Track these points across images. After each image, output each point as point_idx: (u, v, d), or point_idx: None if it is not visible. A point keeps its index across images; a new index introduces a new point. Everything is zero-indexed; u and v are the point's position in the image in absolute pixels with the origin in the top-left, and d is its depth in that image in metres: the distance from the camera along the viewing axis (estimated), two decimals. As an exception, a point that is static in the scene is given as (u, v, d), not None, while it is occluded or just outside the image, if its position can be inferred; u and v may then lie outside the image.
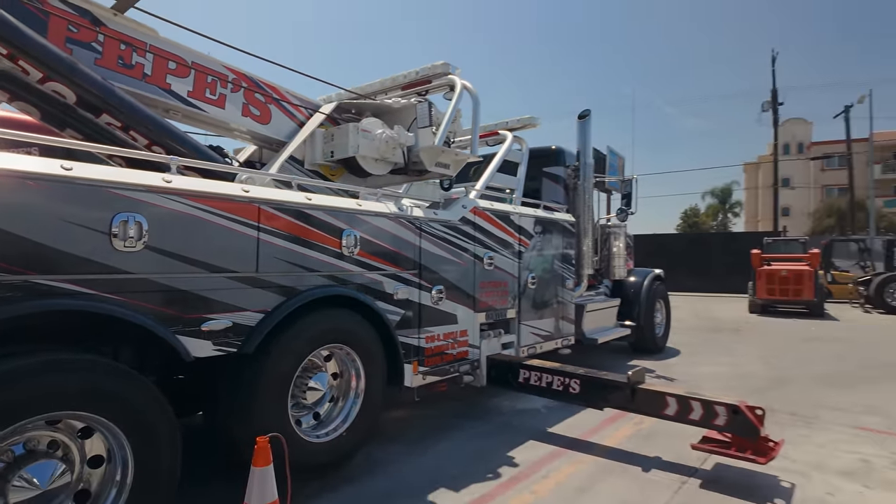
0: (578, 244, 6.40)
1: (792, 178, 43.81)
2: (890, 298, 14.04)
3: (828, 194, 43.56)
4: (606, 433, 4.32)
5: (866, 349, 8.67)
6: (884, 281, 14.62)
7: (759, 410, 3.39)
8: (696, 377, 6.40)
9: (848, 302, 16.25)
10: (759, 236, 19.67)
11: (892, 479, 3.48)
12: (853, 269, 17.36)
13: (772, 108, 29.52)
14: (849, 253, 18.14)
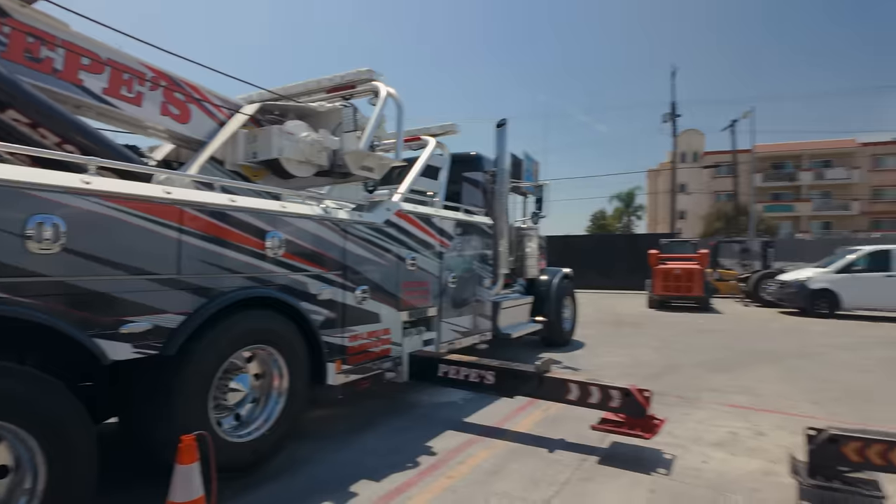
0: (495, 245, 6.79)
1: (688, 184, 47.92)
2: (764, 293, 15.90)
3: (717, 200, 48.14)
4: (518, 420, 4.70)
5: (742, 338, 9.86)
6: (760, 278, 16.55)
7: (646, 393, 3.88)
8: (598, 366, 7.01)
9: (731, 297, 18.20)
10: (658, 237, 21.45)
11: (752, 447, 4.11)
12: (736, 268, 19.47)
13: (671, 120, 32.24)
14: (732, 253, 20.30)
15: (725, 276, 19.13)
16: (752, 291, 16.58)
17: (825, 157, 50.25)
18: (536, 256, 8.05)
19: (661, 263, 15.63)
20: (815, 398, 5.59)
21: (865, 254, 13.45)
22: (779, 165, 51.30)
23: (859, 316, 13.17)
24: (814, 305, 13.41)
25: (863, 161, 49.00)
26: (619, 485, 3.40)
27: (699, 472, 3.62)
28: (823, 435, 3.18)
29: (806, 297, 13.56)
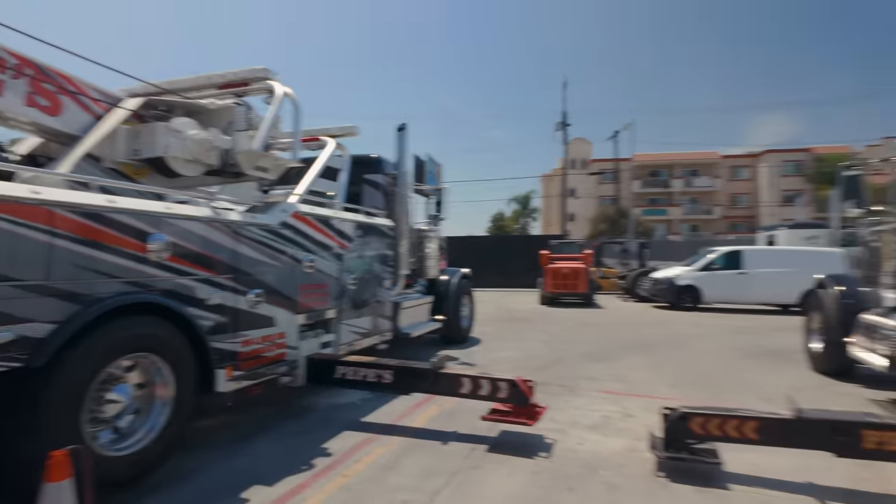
0: (396, 247, 6.93)
1: (577, 189, 51.37)
2: (640, 290, 17.56)
3: (602, 204, 52.13)
4: (415, 416, 4.86)
5: (619, 331, 10.88)
6: (636, 276, 18.25)
7: (530, 383, 4.22)
8: (493, 361, 7.40)
9: (612, 293, 19.87)
10: (549, 238, 22.86)
11: (622, 428, 4.62)
12: (617, 267, 21.29)
13: (562, 129, 34.41)
14: (614, 253, 22.18)
15: (608, 275, 20.85)
16: (630, 288, 18.24)
17: (693, 167, 56.43)
18: (436, 257, 8.31)
19: (551, 263, 16.72)
20: (676, 382, 6.36)
21: (721, 254, 15.39)
22: (655, 173, 56.76)
23: (717, 308, 15.01)
24: (680, 300, 15.09)
25: (723, 171, 55.69)
26: (505, 469, 3.68)
27: (575, 452, 4.02)
28: (676, 413, 3.69)
29: (674, 293, 15.22)
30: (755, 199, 53.72)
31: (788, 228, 19.74)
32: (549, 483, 3.47)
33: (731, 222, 52.91)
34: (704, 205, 54.93)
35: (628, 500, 3.24)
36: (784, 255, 15.07)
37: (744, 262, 14.83)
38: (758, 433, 3.50)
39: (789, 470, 3.61)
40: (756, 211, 52.03)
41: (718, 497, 3.28)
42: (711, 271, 15.12)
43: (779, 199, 49.46)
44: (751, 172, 55.08)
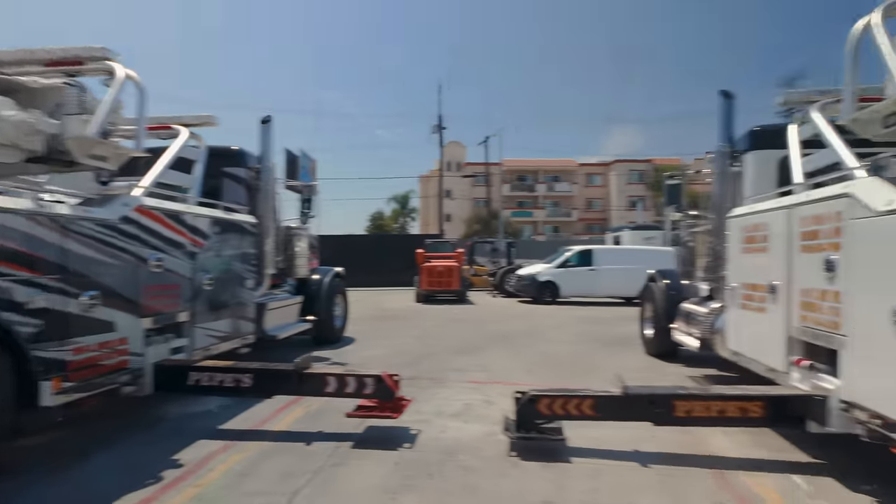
0: (260, 245, 6.62)
1: (453, 190, 53.05)
2: (507, 286, 18.66)
3: (476, 205, 54.46)
4: (278, 419, 4.71)
5: (487, 324, 11.49)
6: (504, 273, 19.38)
7: (395, 377, 4.31)
8: (365, 359, 7.40)
9: (483, 290, 20.86)
10: (426, 238, 23.35)
11: (482, 414, 4.90)
12: (488, 265, 22.42)
13: (438, 132, 35.33)
14: (485, 252, 23.32)
15: (479, 272, 21.86)
16: (499, 284, 19.33)
17: (555, 173, 61.34)
18: (307, 256, 8.07)
19: (426, 262, 17.12)
20: (531, 369, 6.90)
21: (575, 252, 16.96)
22: (522, 178, 60.69)
23: (573, 301, 16.48)
24: (541, 294, 16.34)
25: (580, 178, 61.23)
26: (368, 463, 3.72)
27: (437, 441, 4.19)
28: (526, 396, 4.02)
29: (536, 288, 16.44)
30: (607, 203, 59.87)
31: (630, 230, 22.33)
32: (410, 472, 3.58)
33: (587, 224, 58.36)
34: (564, 208, 60.08)
35: (482, 480, 3.46)
36: (627, 254, 17.02)
37: (594, 259, 16.48)
38: (594, 410, 3.94)
39: (620, 441, 4.12)
40: (608, 214, 57.95)
41: (561, 470, 3.63)
42: (567, 268, 16.59)
43: (626, 203, 55.66)
44: (603, 179, 61.26)
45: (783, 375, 4.10)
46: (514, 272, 18.32)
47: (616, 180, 58.64)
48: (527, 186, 60.52)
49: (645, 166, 57.35)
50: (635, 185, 57.22)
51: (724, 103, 6.05)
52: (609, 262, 16.35)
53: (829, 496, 3.22)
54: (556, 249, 20.25)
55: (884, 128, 3.46)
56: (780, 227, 4.28)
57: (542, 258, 20.24)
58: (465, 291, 17.39)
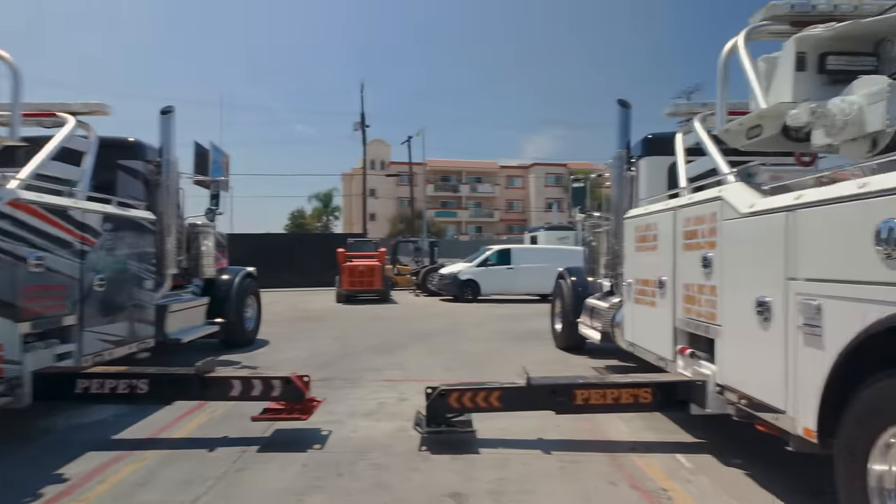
0: (161, 243, 6.23)
1: (377, 189, 52.62)
2: (430, 284, 18.82)
3: (400, 205, 54.38)
4: (179, 426, 4.46)
5: (409, 323, 11.53)
6: (426, 272, 19.52)
7: (305, 378, 4.23)
8: (278, 361, 7.18)
9: (406, 289, 20.89)
10: (348, 237, 22.99)
11: (395, 412, 4.92)
12: (411, 264, 22.48)
13: (361, 129, 34.84)
14: (408, 251, 23.36)
15: (403, 271, 21.88)
16: (421, 283, 19.44)
17: (477, 175, 62.61)
18: (214, 255, 7.67)
19: (348, 261, 16.87)
20: (449, 366, 7.02)
21: (494, 251, 17.43)
22: (446, 178, 61.39)
23: (492, 299, 16.91)
24: (463, 293, 16.63)
25: (501, 179, 62.93)
26: (275, 466, 3.63)
27: (348, 440, 4.16)
28: (436, 391, 4.10)
29: (457, 287, 16.71)
30: (526, 204, 61.98)
31: (546, 230, 23.29)
32: (319, 472, 3.53)
33: (509, 224, 60.14)
34: (487, 209, 61.48)
35: (392, 476, 3.48)
36: (542, 253, 17.72)
37: (513, 258, 17.02)
38: (501, 401, 4.09)
39: (525, 431, 4.31)
40: (528, 215, 60.00)
41: (469, 461, 3.74)
42: (487, 267, 17.01)
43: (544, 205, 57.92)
44: (523, 182, 63.36)
45: (670, 363, 4.47)
46: (437, 271, 18.50)
47: (535, 183, 60.87)
48: (451, 187, 61.31)
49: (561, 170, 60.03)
50: (552, 187, 59.73)
51: (621, 112, 6.49)
52: (526, 260, 16.95)
53: (707, 472, 3.55)
54: (478, 249, 20.71)
55: (747, 139, 3.88)
56: (666, 227, 4.66)
57: (465, 257, 20.62)
58: (388, 291, 17.33)
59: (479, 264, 17.07)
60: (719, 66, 4.35)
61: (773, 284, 3.06)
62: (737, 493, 3.22)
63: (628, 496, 3.21)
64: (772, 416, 3.05)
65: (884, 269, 2.25)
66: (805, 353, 2.77)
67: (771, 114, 3.61)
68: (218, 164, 8.21)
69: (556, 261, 16.09)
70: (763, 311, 3.12)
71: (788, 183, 3.51)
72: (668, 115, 5.96)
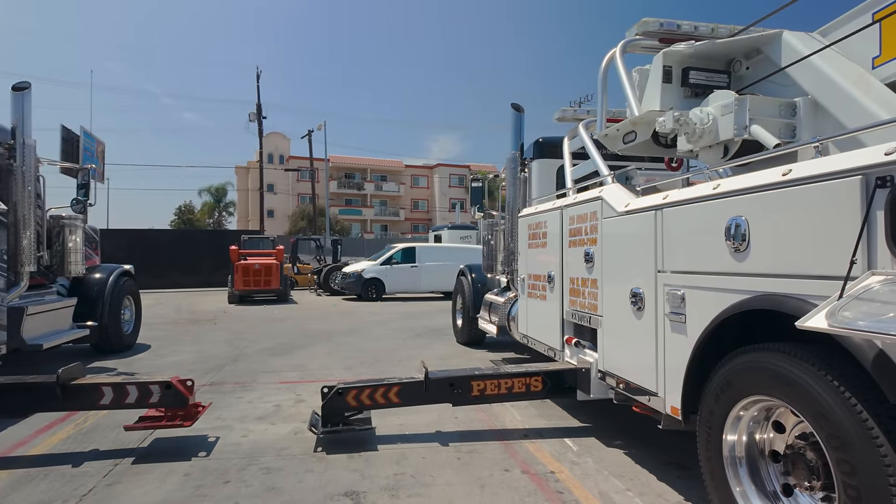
0: (16, 238, 5.48)
1: (276, 184, 50.37)
2: (332, 283, 18.38)
3: (302, 201, 52.50)
4: (38, 441, 3.96)
5: (308, 323, 11.16)
6: (329, 271, 19.03)
7: (189, 382, 3.93)
8: (161, 367, 6.62)
9: (307, 288, 20.23)
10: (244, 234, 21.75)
11: (291, 414, 4.74)
12: (312, 262, 21.78)
13: (257, 120, 33.11)
14: (310, 249, 22.62)
15: (303, 270, 21.15)
16: (323, 282, 18.92)
17: (383, 173, 62.19)
18: (82, 251, 6.88)
19: (242, 259, 15.97)
20: (350, 365, 6.90)
21: (399, 250, 17.41)
22: (350, 175, 60.27)
23: (397, 298, 16.88)
24: (366, 291, 16.43)
25: (406, 179, 63.02)
26: (153, 478, 3.34)
27: (238, 445, 3.94)
28: (333, 390, 4.00)
29: (361, 285, 16.47)
30: (431, 204, 62.64)
31: (449, 229, 23.69)
32: (203, 481, 3.30)
33: (414, 223, 60.41)
34: (392, 207, 61.22)
35: (284, 479, 3.35)
36: (446, 251, 18.01)
37: (417, 257, 17.11)
38: (399, 396, 4.09)
39: (424, 424, 4.36)
40: (433, 214, 60.66)
41: (367, 458, 3.70)
42: (392, 265, 16.95)
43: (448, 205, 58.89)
44: (428, 181, 63.95)
45: (559, 353, 4.75)
46: (340, 270, 18.10)
47: (439, 183, 61.68)
48: (355, 184, 60.26)
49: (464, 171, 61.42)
50: (456, 188, 60.92)
51: (515, 116, 6.77)
52: (430, 259, 17.12)
53: (591, 453, 3.82)
54: (383, 248, 20.55)
55: (623, 143, 4.23)
56: (555, 225, 4.94)
57: (370, 256, 20.38)
58: (287, 291, 16.64)
59: (384, 263, 16.97)
60: (600, 76, 4.69)
61: (645, 277, 3.35)
62: (618, 471, 3.49)
63: (519, 481, 3.35)
64: (645, 397, 3.34)
65: (732, 261, 2.56)
66: (672, 339, 3.07)
67: (642, 120, 3.96)
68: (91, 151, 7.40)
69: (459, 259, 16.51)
70: (637, 302, 3.40)
71: (657, 184, 3.88)
72: (557, 121, 6.32)
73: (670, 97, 3.87)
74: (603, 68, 4.51)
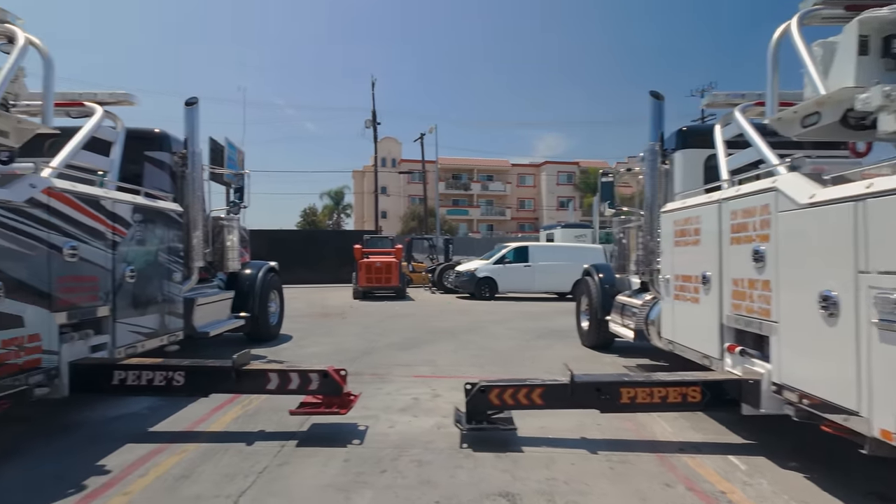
0: (188, 236, 6.17)
1: (388, 187, 52.55)
2: (446, 282, 18.72)
3: (412, 202, 54.30)
4: (214, 420, 4.40)
5: (428, 320, 11.42)
6: (442, 269, 19.40)
7: (343, 371, 4.14)
8: (304, 356, 7.12)
9: (422, 286, 20.81)
10: (363, 234, 22.96)
11: (430, 408, 4.82)
12: (426, 261, 22.38)
13: (372, 126, 34.79)
14: (423, 248, 23.26)
15: (417, 269, 21.78)
16: (437, 281, 19.33)
17: (489, 173, 62.33)
18: (238, 249, 7.62)
19: (365, 258, 16.79)
20: (478, 363, 6.91)
21: (512, 249, 17.26)
22: (457, 176, 61.17)
23: (510, 297, 16.77)
24: (480, 290, 16.49)
25: (512, 178, 62.58)
26: (316, 461, 3.54)
27: (386, 436, 4.07)
28: (476, 387, 3.99)
29: (474, 284, 16.57)
30: (538, 202, 61.65)
31: (562, 228, 23.06)
32: (362, 468, 3.44)
33: (520, 222, 59.88)
34: (498, 207, 61.16)
35: (436, 473, 3.38)
36: (560, 251, 17.55)
37: (530, 256, 16.85)
38: (543, 398, 3.97)
39: (567, 429, 4.19)
40: (539, 213, 59.67)
41: (514, 459, 3.63)
42: (504, 264, 16.85)
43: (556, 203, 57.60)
44: (534, 180, 62.99)
45: (716, 361, 4.33)
46: (453, 268, 18.38)
47: (546, 181, 60.49)
48: (462, 185, 61.09)
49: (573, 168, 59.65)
50: (564, 185, 59.37)
51: (655, 104, 6.31)
52: (544, 258, 16.77)
53: (765, 474, 3.41)
54: (491, 247, 20.57)
55: (803, 127, 3.73)
56: (710, 220, 4.51)
57: (478, 255, 20.48)
58: (405, 288, 17.23)
59: (497, 262, 16.92)
60: (770, 54, 4.20)
61: (840, 278, 2.91)
62: (801, 497, 3.08)
63: (685, 498, 3.08)
64: (841, 417, 2.90)
65: None
66: (881, 351, 2.63)
67: (833, 99, 3.46)
68: (233, 160, 8.16)
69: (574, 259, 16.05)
70: (829, 307, 2.97)
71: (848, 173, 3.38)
72: (705, 107, 5.82)
73: (867, 71, 3.35)
74: (773, 44, 4.03)
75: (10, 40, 3.95)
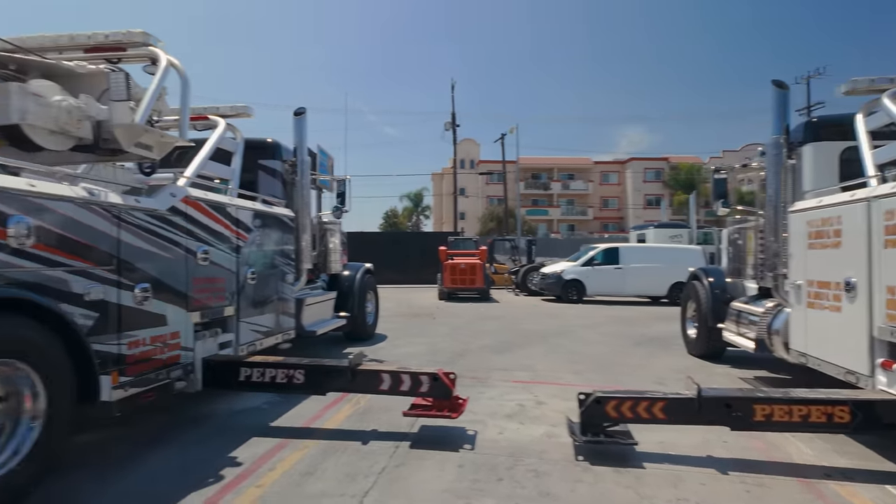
0: (298, 239, 6.48)
1: (466, 188, 52.80)
2: (530, 284, 18.44)
3: (490, 203, 54.18)
4: (327, 417, 4.56)
5: (516, 323, 11.27)
6: (526, 271, 19.13)
7: (452, 375, 4.14)
8: (400, 356, 7.25)
9: (505, 288, 20.64)
10: (444, 235, 23.18)
11: (537, 415, 4.71)
12: (507, 262, 22.19)
13: (452, 129, 35.09)
14: (505, 249, 23.08)
15: (500, 270, 21.63)
16: (521, 282, 19.09)
17: (569, 172, 60.76)
18: (339, 251, 7.93)
19: (449, 259, 16.92)
20: (576, 369, 6.68)
21: (601, 250, 16.64)
22: (536, 176, 60.18)
23: (598, 301, 16.19)
24: (566, 293, 16.06)
25: (595, 176, 60.59)
26: (432, 464, 3.56)
27: (496, 442, 4.01)
28: (591, 398, 3.82)
29: (561, 286, 16.16)
30: (623, 201, 59.19)
31: (655, 228, 21.90)
32: (477, 475, 3.40)
33: (603, 222, 57.82)
34: (579, 206, 59.41)
35: (555, 485, 3.27)
36: (653, 252, 16.69)
37: (621, 258, 16.15)
38: (665, 413, 3.73)
39: (690, 446, 3.91)
40: (624, 212, 57.31)
41: (636, 476, 3.43)
42: (593, 266, 16.29)
43: (642, 202, 55.01)
44: (618, 177, 60.57)
45: (866, 378, 3.86)
46: (537, 270, 18.06)
47: (632, 178, 57.96)
48: (542, 185, 60.03)
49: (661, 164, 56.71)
50: (651, 182, 56.57)
51: (778, 94, 5.75)
52: (636, 260, 16.02)
53: (929, 508, 2.99)
54: (574, 248, 19.98)
55: None
56: (857, 221, 4.04)
57: (561, 256, 19.96)
58: (489, 289, 17.18)
59: (584, 264, 16.39)
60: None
61: None
62: None
63: (843, 532, 2.75)
64: None
65: None
66: None
67: None
68: (324, 166, 8.44)
69: (670, 261, 15.23)
70: None
71: None
72: (844, 94, 5.20)
73: None
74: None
75: (154, 62, 4.31)
